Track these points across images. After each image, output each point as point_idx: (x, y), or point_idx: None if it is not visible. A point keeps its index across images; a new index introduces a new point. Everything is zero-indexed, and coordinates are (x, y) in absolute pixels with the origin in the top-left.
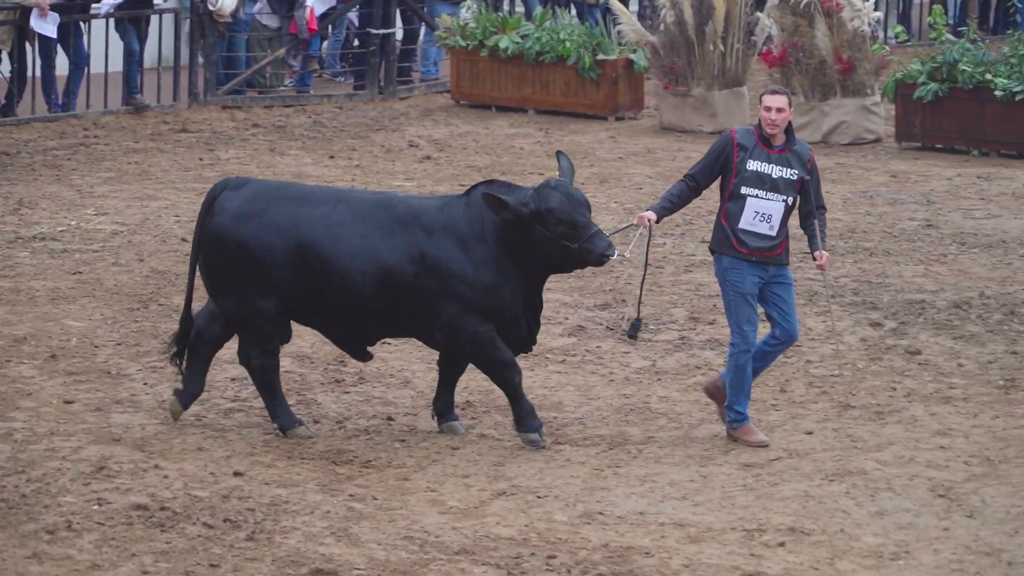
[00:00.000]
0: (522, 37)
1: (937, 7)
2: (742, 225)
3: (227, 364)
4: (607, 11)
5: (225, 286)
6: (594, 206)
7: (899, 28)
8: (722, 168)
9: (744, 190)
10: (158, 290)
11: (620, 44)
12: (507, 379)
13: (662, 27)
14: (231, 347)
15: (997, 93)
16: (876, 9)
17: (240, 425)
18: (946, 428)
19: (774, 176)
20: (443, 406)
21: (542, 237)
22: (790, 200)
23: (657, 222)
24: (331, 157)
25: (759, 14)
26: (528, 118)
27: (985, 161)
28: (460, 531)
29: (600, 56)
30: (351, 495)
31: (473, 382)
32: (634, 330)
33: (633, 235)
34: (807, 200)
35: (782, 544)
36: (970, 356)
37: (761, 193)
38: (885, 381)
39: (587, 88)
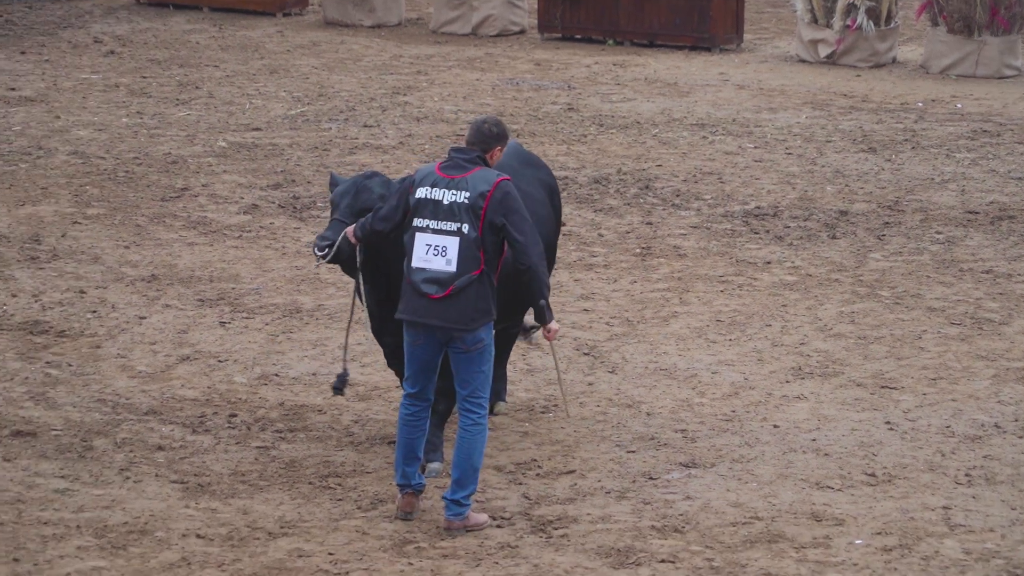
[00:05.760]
0: None
1: None
2: None
3: None
4: None
5: None
6: (266, 96)
7: None
8: None
9: None
10: None
11: None
12: None
13: None
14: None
15: None
16: None
17: None
18: (589, 292)
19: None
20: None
21: None
22: None
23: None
24: (22, 53)
25: None
26: (203, 15)
27: (619, 50)
28: (148, 393)
29: None
30: (48, 362)
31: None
32: (340, 383)
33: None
34: None
35: None
36: (609, 227)
37: None
38: None
39: None
